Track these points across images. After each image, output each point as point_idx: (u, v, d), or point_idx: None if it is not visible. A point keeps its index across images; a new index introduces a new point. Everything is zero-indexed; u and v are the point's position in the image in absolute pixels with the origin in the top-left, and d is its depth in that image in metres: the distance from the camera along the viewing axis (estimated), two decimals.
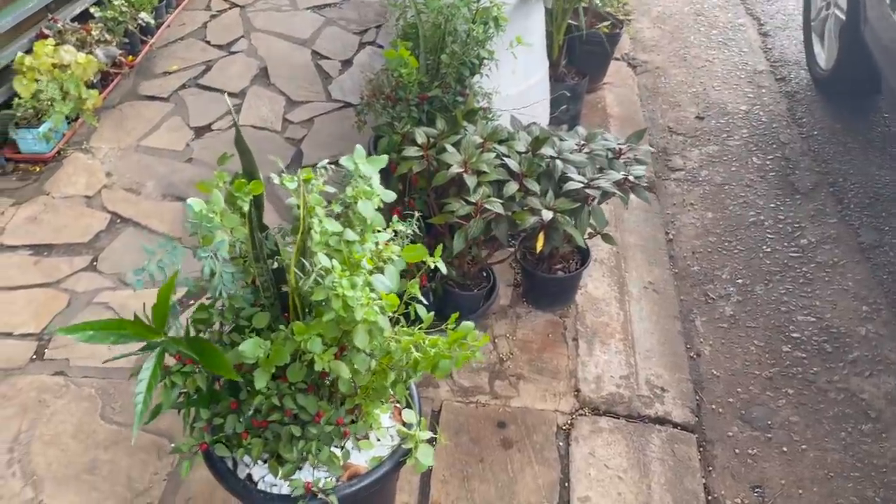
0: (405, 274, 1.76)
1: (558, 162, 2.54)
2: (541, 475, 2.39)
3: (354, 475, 1.81)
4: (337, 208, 1.58)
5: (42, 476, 2.38)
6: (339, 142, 4.02)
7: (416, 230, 1.82)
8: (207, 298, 1.65)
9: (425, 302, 1.79)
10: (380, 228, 1.66)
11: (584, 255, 2.95)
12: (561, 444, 2.50)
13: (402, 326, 1.75)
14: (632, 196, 2.65)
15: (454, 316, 1.70)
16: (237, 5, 5.54)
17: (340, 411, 1.67)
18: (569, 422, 2.58)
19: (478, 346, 1.67)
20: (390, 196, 1.66)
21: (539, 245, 2.47)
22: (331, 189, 1.60)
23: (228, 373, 1.47)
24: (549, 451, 2.47)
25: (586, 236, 2.83)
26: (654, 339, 2.92)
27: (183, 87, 4.56)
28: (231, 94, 4.47)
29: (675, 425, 2.61)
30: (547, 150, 2.58)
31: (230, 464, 1.84)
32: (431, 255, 1.75)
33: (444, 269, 1.76)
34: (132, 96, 4.49)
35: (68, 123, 4.09)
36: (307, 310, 1.60)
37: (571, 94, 3.89)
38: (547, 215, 2.41)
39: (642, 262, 3.30)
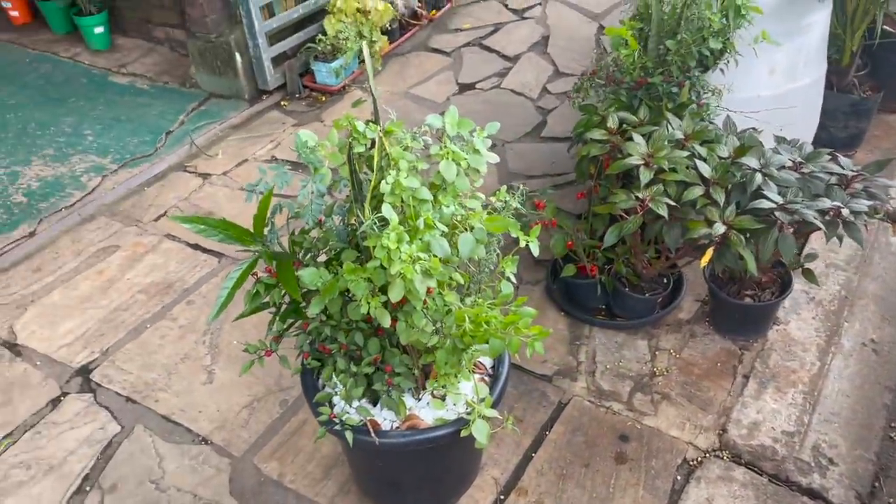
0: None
1: (758, 175, 2.25)
2: (643, 502, 2.21)
3: (412, 427, 1.87)
4: (422, 165, 1.61)
5: (221, 350, 2.80)
6: None
7: (520, 204, 1.77)
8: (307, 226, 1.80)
9: (514, 281, 1.76)
10: (469, 193, 1.65)
11: (784, 286, 2.59)
12: (679, 477, 2.28)
13: (479, 299, 1.74)
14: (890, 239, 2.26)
15: (522, 299, 1.64)
16: None
17: (395, 360, 1.73)
18: (699, 459, 2.33)
19: (538, 337, 1.60)
20: (480, 162, 1.64)
21: (705, 260, 2.23)
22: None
23: (293, 290, 1.62)
24: (662, 481, 2.27)
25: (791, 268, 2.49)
26: (847, 402, 2.48)
27: (467, 44, 4.82)
28: (506, 58, 4.62)
29: None
30: (749, 160, 2.29)
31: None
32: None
33: (535, 250, 1.70)
34: (421, 48, 4.86)
35: (358, 63, 4.57)
36: None
37: (854, 109, 3.37)
38: (718, 229, 2.16)
39: (873, 315, 2.79)
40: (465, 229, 1.64)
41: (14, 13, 5.38)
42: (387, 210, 1.51)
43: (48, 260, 3.31)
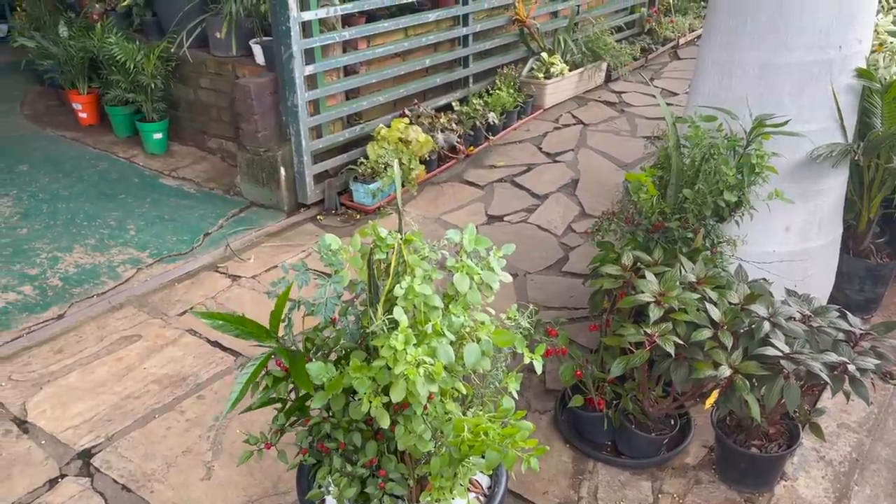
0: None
1: (766, 323, 2.30)
2: None
3: None
4: (437, 275, 1.70)
5: (224, 448, 2.82)
6: None
7: (528, 322, 1.83)
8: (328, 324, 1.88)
9: (515, 396, 1.80)
10: (479, 308, 1.73)
11: (792, 440, 2.56)
12: None
13: (480, 410, 1.77)
14: None
15: (521, 413, 1.67)
16: (582, 123, 5.96)
17: (390, 465, 1.74)
18: None
19: (535, 453, 1.62)
20: (493, 279, 1.72)
21: (709, 402, 2.24)
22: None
23: (306, 385, 1.67)
24: None
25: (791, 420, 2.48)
26: None
27: (500, 180, 5.04)
28: (535, 196, 4.81)
29: None
30: (758, 308, 2.34)
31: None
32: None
33: (538, 367, 1.75)
34: (456, 179, 5.09)
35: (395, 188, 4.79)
36: None
37: (871, 274, 3.43)
38: (724, 372, 2.19)
39: (885, 482, 2.72)
40: (473, 340, 1.70)
41: (83, 115, 5.80)
42: (398, 312, 1.58)
43: (71, 342, 3.40)
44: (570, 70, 6.28)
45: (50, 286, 3.81)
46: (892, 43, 3.19)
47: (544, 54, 6.18)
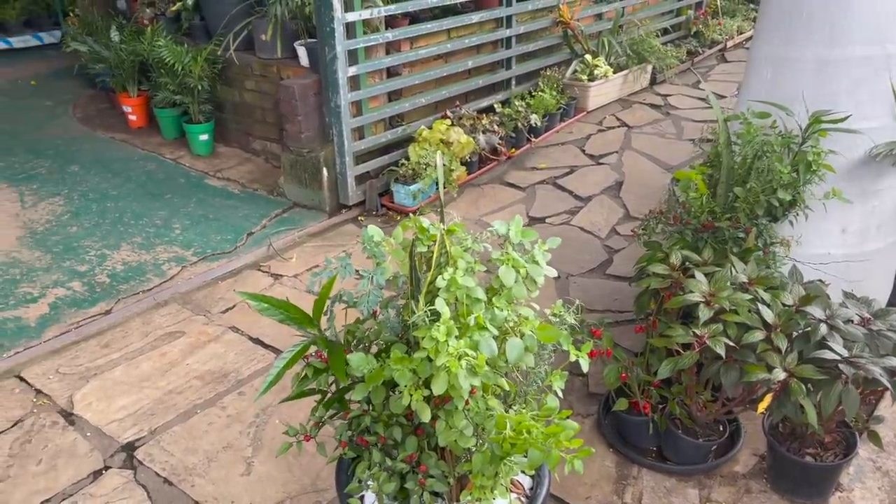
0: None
1: (823, 326, 2.20)
2: None
3: None
4: (479, 268, 1.66)
5: (263, 444, 2.81)
6: None
7: (573, 319, 1.78)
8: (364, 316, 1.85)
9: (560, 394, 1.75)
10: (524, 302, 1.68)
11: (849, 449, 2.46)
12: None
13: (523, 408, 1.73)
14: None
15: (566, 412, 1.62)
16: (627, 125, 5.87)
17: (430, 461, 1.71)
18: None
19: (580, 455, 1.57)
20: (539, 273, 1.68)
21: (762, 406, 2.16)
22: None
23: (342, 376, 1.64)
24: None
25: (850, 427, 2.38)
26: None
27: (542, 182, 4.98)
28: (578, 198, 4.74)
29: None
30: (814, 310, 2.25)
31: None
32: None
33: (585, 366, 1.69)
34: (497, 181, 5.05)
35: (435, 189, 4.77)
36: None
37: None
38: (778, 375, 2.10)
39: None
40: (516, 335, 1.66)
41: (133, 117, 5.91)
42: (440, 304, 1.55)
43: (118, 338, 3.45)
44: (614, 72, 6.20)
45: (98, 282, 3.87)
46: None
47: (588, 56, 6.11)
